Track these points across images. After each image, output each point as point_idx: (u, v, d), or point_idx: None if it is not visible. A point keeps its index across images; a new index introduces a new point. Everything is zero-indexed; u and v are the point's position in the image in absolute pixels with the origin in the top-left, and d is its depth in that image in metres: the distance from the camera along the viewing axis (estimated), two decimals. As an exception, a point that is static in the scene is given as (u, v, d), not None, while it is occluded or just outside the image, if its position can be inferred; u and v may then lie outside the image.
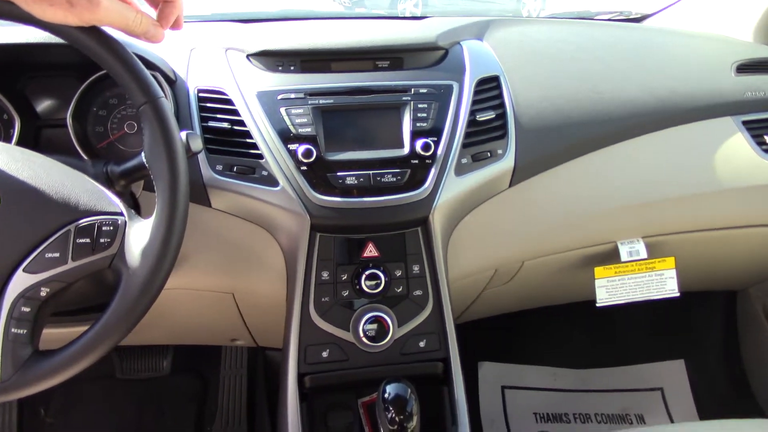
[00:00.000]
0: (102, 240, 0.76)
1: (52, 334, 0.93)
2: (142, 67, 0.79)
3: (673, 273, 1.27)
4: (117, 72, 0.78)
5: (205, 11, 1.71)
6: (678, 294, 1.27)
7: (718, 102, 1.28)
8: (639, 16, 1.74)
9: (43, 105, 1.10)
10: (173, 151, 0.77)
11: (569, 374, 1.95)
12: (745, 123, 1.29)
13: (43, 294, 0.73)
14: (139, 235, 0.77)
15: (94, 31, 0.76)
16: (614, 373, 1.94)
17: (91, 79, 1.04)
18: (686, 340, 1.98)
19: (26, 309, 0.72)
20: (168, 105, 0.79)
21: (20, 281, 0.72)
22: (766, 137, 1.28)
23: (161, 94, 0.78)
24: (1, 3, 0.71)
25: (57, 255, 0.73)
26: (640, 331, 1.98)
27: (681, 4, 1.66)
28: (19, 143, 1.03)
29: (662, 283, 1.26)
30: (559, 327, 1.95)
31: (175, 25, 0.84)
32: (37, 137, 1.08)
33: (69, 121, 1.02)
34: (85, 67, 0.97)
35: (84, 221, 0.75)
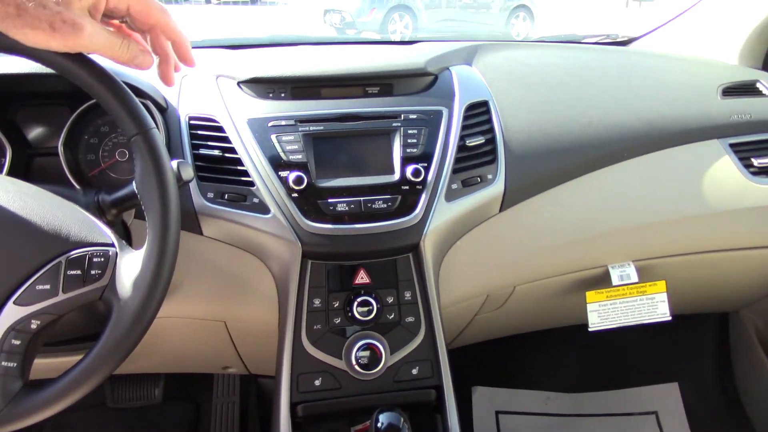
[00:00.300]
0: (93, 272, 0.75)
1: (42, 364, 0.92)
2: (133, 97, 0.78)
3: (664, 297, 1.27)
4: (108, 103, 0.77)
5: (196, 37, 1.72)
6: (670, 318, 1.27)
7: (705, 125, 1.29)
8: (626, 39, 1.76)
9: (35, 133, 1.10)
10: (164, 183, 0.77)
11: (563, 398, 1.94)
12: (732, 146, 1.30)
13: (33, 327, 0.72)
14: (130, 267, 0.76)
15: (84, 61, 0.76)
16: (608, 397, 1.94)
17: (82, 107, 1.04)
18: (679, 362, 1.97)
19: (16, 342, 0.71)
20: (159, 136, 0.79)
21: (11, 314, 0.71)
22: (753, 160, 1.30)
23: (152, 124, 0.78)
24: None
25: (48, 287, 0.73)
26: (634, 353, 1.97)
27: (667, 27, 1.69)
28: (11, 172, 1.02)
29: (654, 306, 1.26)
30: (552, 350, 1.95)
31: (187, 62, 0.84)
32: (29, 165, 1.07)
33: (60, 149, 1.02)
34: (76, 95, 0.97)
35: (75, 253, 0.75)
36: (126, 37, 0.75)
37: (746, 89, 1.40)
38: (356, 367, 0.99)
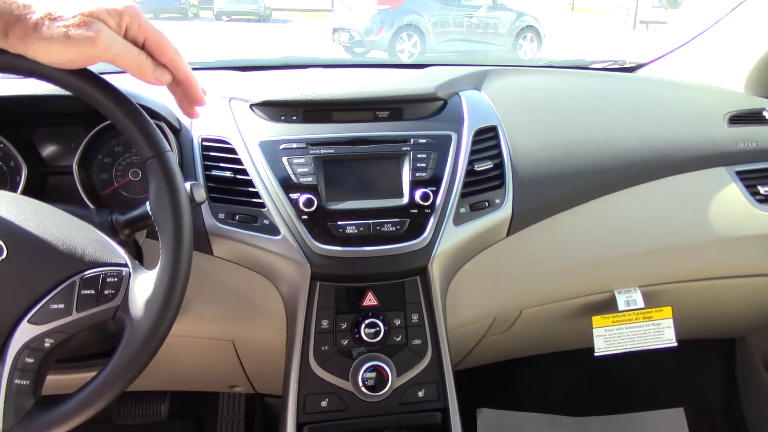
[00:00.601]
0: (106, 291, 0.76)
1: (51, 380, 0.93)
2: (148, 119, 0.79)
3: (670, 323, 1.27)
4: (123, 125, 0.78)
5: (209, 58, 1.75)
6: (676, 344, 1.27)
7: (712, 153, 1.31)
8: (633, 65, 1.78)
9: (49, 152, 1.12)
10: (178, 205, 0.78)
11: (568, 422, 1.94)
12: (738, 173, 1.31)
13: (47, 345, 0.73)
14: (143, 287, 0.77)
15: (100, 83, 0.77)
16: (613, 421, 1.93)
17: (97, 128, 1.06)
18: (686, 388, 1.97)
19: (30, 360, 0.73)
20: (174, 158, 0.80)
21: (25, 332, 0.72)
22: (759, 187, 1.30)
23: (167, 147, 0.79)
24: None
25: (62, 306, 0.74)
26: (640, 378, 1.96)
27: (674, 54, 1.70)
28: (26, 190, 1.04)
29: (660, 332, 1.27)
30: (558, 373, 1.95)
31: (198, 102, 0.83)
32: (43, 184, 1.09)
33: (75, 168, 1.04)
34: (91, 115, 0.99)
35: (89, 272, 0.76)
36: (142, 51, 0.74)
37: (753, 117, 1.41)
38: (363, 388, 1.00)
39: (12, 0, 0.68)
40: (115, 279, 0.77)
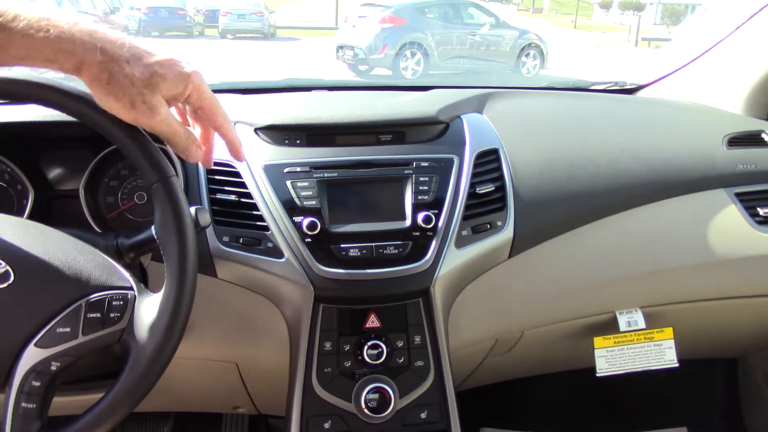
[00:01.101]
0: (112, 315, 0.77)
1: (58, 402, 0.94)
2: (153, 144, 0.80)
3: (671, 344, 1.28)
4: (129, 150, 0.79)
5: (213, 80, 1.76)
6: (677, 365, 1.28)
7: (711, 174, 1.32)
8: (634, 86, 1.79)
9: (56, 175, 1.13)
10: (183, 230, 0.79)
11: (571, 441, 1.93)
12: (738, 195, 1.32)
13: (53, 368, 0.74)
14: (148, 311, 0.78)
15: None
16: (616, 441, 1.92)
17: (104, 152, 1.07)
18: (689, 406, 1.96)
19: (36, 383, 0.73)
20: (179, 183, 0.81)
21: (31, 356, 0.73)
22: (759, 209, 1.31)
23: (172, 172, 0.80)
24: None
25: (68, 330, 0.75)
26: (643, 397, 1.96)
27: (674, 76, 1.72)
28: (32, 214, 1.06)
29: (661, 353, 1.27)
30: (560, 393, 1.94)
31: (239, 159, 0.90)
32: (50, 207, 1.10)
33: (81, 192, 1.06)
34: (97, 139, 1.00)
35: (95, 296, 0.77)
36: (188, 130, 0.81)
37: (751, 140, 1.42)
38: (365, 410, 1.00)
39: (103, 38, 0.71)
40: (121, 302, 0.78)
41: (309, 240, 1.02)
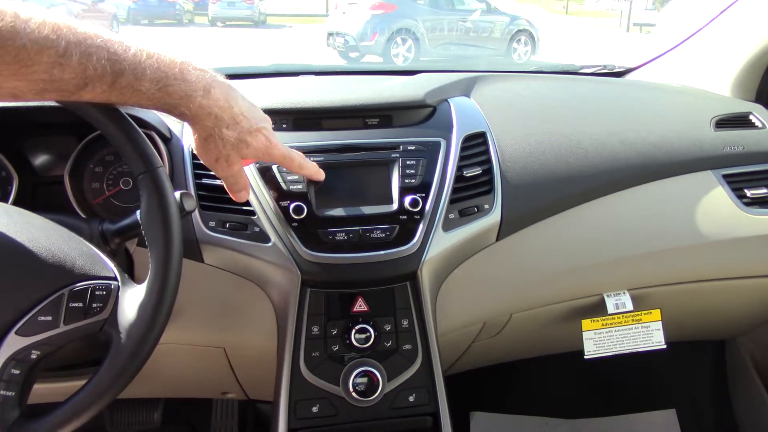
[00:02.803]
0: (94, 305, 0.76)
1: (39, 389, 0.94)
2: (141, 134, 0.80)
3: (659, 325, 1.28)
4: (116, 139, 0.79)
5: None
6: (665, 346, 1.28)
7: (698, 156, 1.32)
8: (622, 69, 1.79)
9: (40, 162, 1.12)
10: (168, 221, 0.78)
11: (561, 424, 1.94)
12: (725, 177, 1.32)
13: (33, 357, 0.73)
14: (132, 301, 0.77)
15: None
16: (606, 423, 1.94)
17: (88, 137, 1.06)
18: (677, 389, 1.98)
19: (16, 371, 0.72)
20: (165, 174, 0.80)
21: (12, 344, 0.72)
22: (746, 191, 1.32)
23: (159, 163, 0.79)
24: None
25: (49, 318, 0.74)
26: (631, 380, 1.98)
27: (662, 59, 1.72)
28: (17, 200, 1.04)
29: (649, 335, 1.28)
30: (550, 376, 1.95)
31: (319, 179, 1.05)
32: (34, 193, 1.09)
33: (66, 178, 1.05)
34: (82, 125, 0.99)
35: (78, 285, 0.76)
36: (246, 179, 0.94)
37: (739, 121, 1.42)
38: (353, 394, 1.00)
39: (216, 105, 0.82)
40: (104, 292, 0.77)
41: (295, 224, 1.02)
